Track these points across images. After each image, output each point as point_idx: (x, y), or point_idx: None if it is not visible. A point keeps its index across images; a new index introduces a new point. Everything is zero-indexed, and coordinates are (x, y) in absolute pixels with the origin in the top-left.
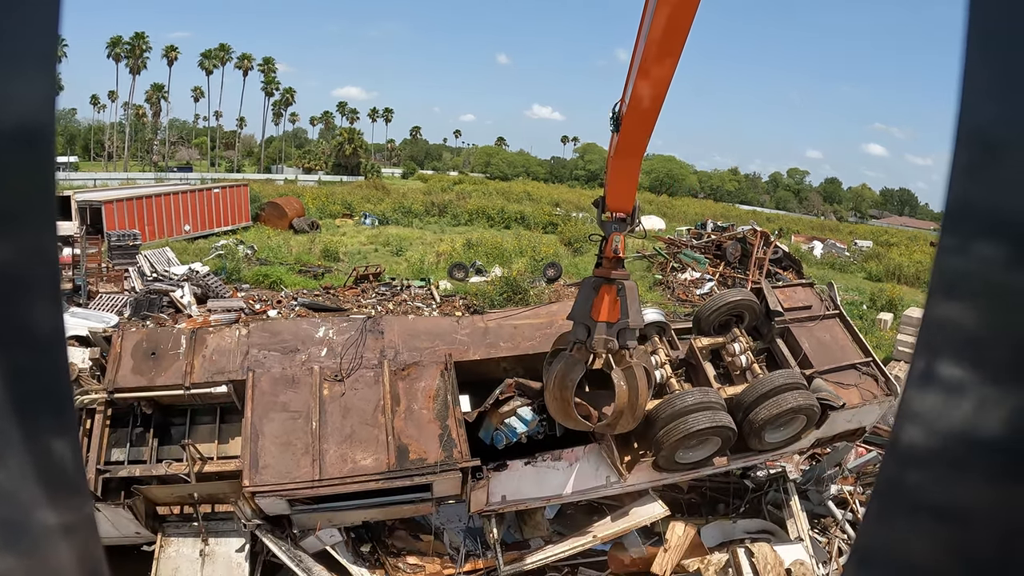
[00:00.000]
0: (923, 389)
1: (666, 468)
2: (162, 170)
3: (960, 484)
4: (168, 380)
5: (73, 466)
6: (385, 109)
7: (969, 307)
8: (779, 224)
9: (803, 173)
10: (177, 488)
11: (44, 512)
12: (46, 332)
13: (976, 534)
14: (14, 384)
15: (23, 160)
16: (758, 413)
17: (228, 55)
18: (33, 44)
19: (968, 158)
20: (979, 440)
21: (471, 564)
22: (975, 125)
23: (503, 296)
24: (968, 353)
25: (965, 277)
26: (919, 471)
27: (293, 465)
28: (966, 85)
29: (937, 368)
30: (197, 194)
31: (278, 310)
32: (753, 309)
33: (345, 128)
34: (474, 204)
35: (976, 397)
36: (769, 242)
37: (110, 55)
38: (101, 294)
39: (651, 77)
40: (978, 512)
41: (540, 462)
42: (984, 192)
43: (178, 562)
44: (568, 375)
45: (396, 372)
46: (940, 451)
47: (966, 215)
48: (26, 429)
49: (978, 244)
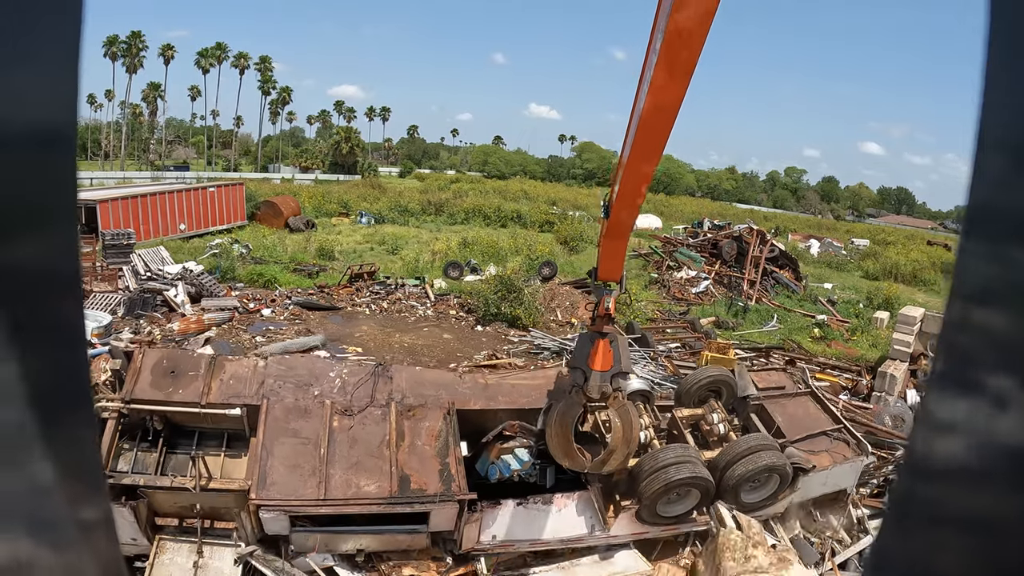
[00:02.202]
0: (943, 395)
1: (648, 520)
2: (159, 169)
3: (982, 492)
4: (184, 398)
5: (93, 464)
6: (382, 108)
7: (992, 311)
8: (776, 223)
9: (800, 172)
10: (181, 496)
11: (66, 509)
12: (69, 330)
13: (998, 544)
14: (39, 381)
15: (45, 160)
16: (735, 470)
17: (225, 54)
18: (56, 42)
19: (990, 160)
20: (1002, 447)
21: (464, 568)
22: (997, 127)
23: (498, 295)
24: (991, 358)
25: (987, 281)
26: (938, 478)
27: (299, 485)
28: (988, 86)
29: (959, 373)
30: (192, 193)
31: (272, 309)
32: (730, 385)
33: (342, 127)
34: (470, 203)
35: (999, 403)
36: (766, 241)
37: (106, 54)
38: (95, 293)
39: (636, 174)
40: (1001, 522)
41: (531, 504)
42: (1006, 195)
43: (171, 569)
44: (568, 413)
45: (402, 412)
46: (961, 458)
47: (988, 218)
48: (49, 426)
49: (1001, 247)
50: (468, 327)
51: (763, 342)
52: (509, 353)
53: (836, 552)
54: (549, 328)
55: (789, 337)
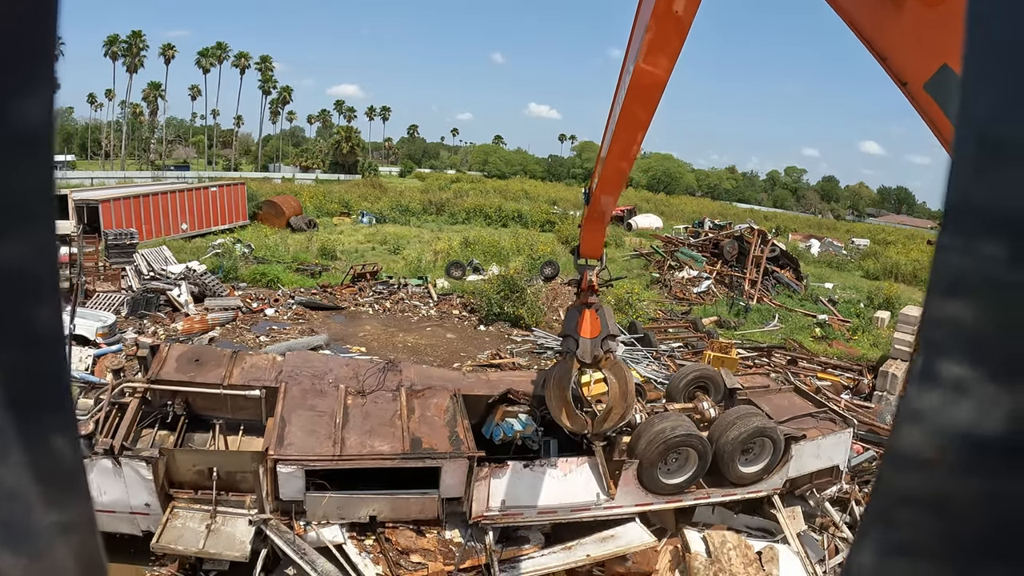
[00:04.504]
0: (924, 388)
1: (650, 488)
2: (159, 168)
3: (961, 483)
4: (207, 380)
5: (73, 465)
6: (382, 108)
7: (969, 305)
8: (776, 222)
9: (800, 171)
10: (199, 455)
11: (43, 511)
12: (46, 331)
13: (975, 533)
14: (13, 382)
15: (22, 161)
16: (728, 434)
17: (225, 54)
18: (31, 42)
19: (968, 155)
20: (980, 439)
21: (471, 560)
22: (976, 122)
23: (500, 295)
24: (969, 351)
25: (965, 275)
26: (919, 471)
27: (316, 445)
28: (967, 81)
29: (939, 367)
30: (194, 193)
31: (275, 309)
32: (716, 381)
33: (342, 126)
34: (471, 202)
35: (978, 396)
36: (767, 240)
37: (107, 54)
38: (98, 293)
39: (614, 168)
40: (977, 511)
41: (537, 467)
42: (984, 190)
43: (183, 532)
44: (564, 377)
45: (412, 393)
46: (941, 451)
47: (967, 213)
48: (25, 427)
49: (978, 242)
50: (471, 327)
51: (765, 342)
52: (512, 353)
53: (839, 550)
54: (552, 328)
55: (791, 337)
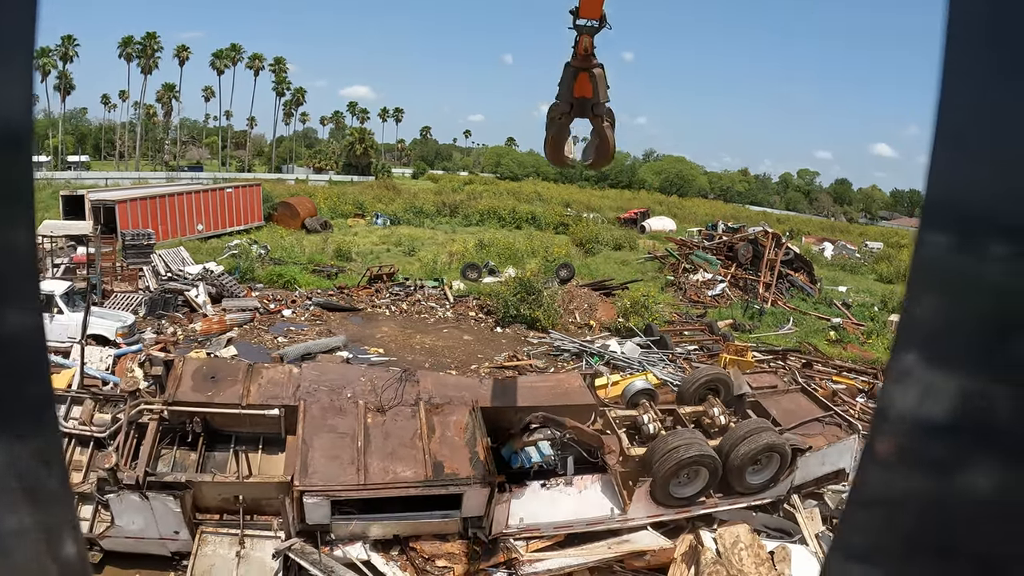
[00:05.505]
0: (901, 383)
1: (663, 501)
2: (173, 169)
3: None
4: (225, 400)
5: (54, 468)
6: (395, 109)
7: (948, 301)
8: (789, 225)
9: (813, 174)
10: (225, 488)
11: (24, 515)
12: (26, 331)
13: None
14: None
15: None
16: (738, 450)
17: (239, 55)
18: (9, 42)
19: (945, 156)
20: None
21: (496, 558)
22: (952, 124)
23: (517, 297)
24: (945, 345)
25: (943, 272)
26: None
27: (340, 473)
28: (944, 85)
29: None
30: (210, 194)
31: (293, 310)
32: (727, 383)
33: (356, 128)
34: (485, 204)
35: (953, 388)
36: (780, 244)
37: (121, 55)
38: (116, 293)
39: None
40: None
41: (554, 486)
42: (960, 189)
43: (214, 560)
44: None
45: (431, 409)
46: (917, 442)
47: (944, 212)
48: (9, 430)
49: (955, 239)
50: (488, 328)
51: (779, 345)
52: (529, 355)
53: None
54: (568, 330)
55: (805, 340)
